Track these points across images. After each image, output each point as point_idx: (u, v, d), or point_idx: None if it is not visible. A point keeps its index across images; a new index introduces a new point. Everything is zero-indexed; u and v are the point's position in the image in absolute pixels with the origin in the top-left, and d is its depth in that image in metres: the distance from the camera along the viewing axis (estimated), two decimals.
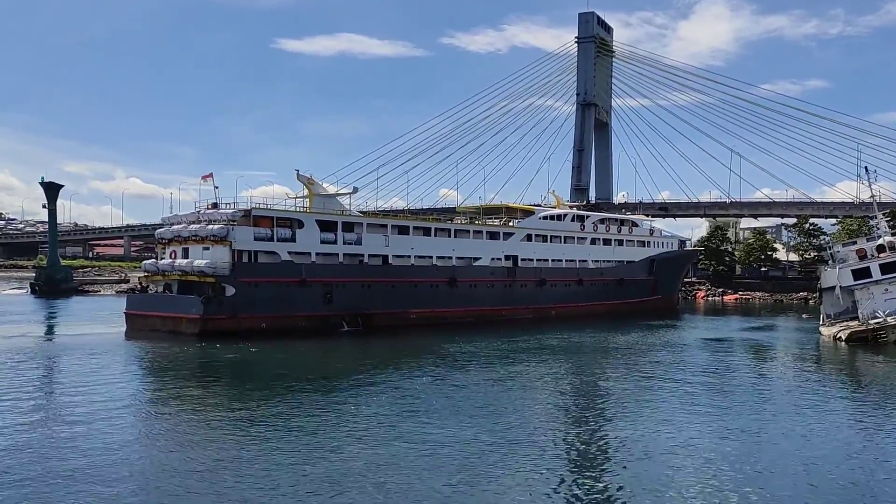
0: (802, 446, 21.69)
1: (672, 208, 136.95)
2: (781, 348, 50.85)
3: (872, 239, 56.84)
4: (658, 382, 33.60)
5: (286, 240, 53.45)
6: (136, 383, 33.11)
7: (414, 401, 27.56)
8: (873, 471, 19.41)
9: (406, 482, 17.36)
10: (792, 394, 31.68)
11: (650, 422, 24.77)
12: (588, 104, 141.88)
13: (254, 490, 16.62)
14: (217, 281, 49.95)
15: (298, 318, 52.00)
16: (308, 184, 59.62)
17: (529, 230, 72.50)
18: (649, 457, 20.25)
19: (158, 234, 56.88)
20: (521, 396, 29.36)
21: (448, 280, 63.12)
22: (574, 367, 39.12)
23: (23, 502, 15.81)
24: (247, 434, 22.04)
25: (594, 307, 74.82)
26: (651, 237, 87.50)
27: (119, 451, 20.14)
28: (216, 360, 39.52)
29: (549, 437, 22.51)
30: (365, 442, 21.02)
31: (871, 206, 63.67)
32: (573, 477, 18.47)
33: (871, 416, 26.77)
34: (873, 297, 50.98)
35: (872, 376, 38.15)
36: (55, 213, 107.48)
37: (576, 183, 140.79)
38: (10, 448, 20.33)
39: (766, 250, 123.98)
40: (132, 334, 50.13)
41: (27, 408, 26.07)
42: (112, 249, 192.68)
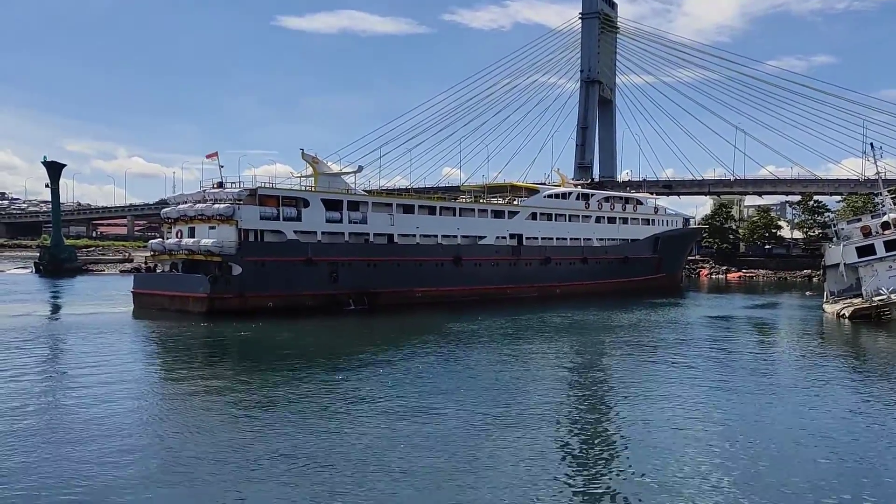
0: (805, 422, 21.73)
1: (676, 186, 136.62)
2: (784, 325, 50.95)
3: (877, 216, 56.89)
4: (661, 360, 33.69)
5: (292, 219, 53.50)
6: (146, 362, 33.36)
7: (418, 379, 27.68)
8: (877, 447, 19.50)
9: (408, 459, 17.49)
10: (795, 370, 31.77)
11: (652, 398, 24.86)
12: (592, 81, 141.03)
13: (257, 468, 16.76)
14: (224, 260, 50.09)
15: (305, 297, 52.21)
16: (313, 162, 59.53)
17: (534, 209, 72.46)
18: (651, 432, 20.34)
19: (164, 214, 56.96)
20: (525, 375, 29.44)
21: (453, 259, 63.23)
22: (578, 345, 39.22)
23: (30, 480, 15.97)
24: (251, 413, 22.15)
25: (599, 285, 74.97)
26: (655, 215, 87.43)
27: (127, 428, 20.34)
28: (224, 338, 39.71)
29: (552, 413, 22.63)
30: (369, 420, 21.11)
31: (877, 183, 63.69)
32: (576, 453, 18.61)
33: (874, 392, 26.81)
34: (877, 274, 51.01)
35: (875, 353, 38.16)
36: (58, 192, 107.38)
37: (579, 161, 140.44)
38: (18, 425, 20.53)
39: (770, 228, 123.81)
40: (139, 313, 50.39)
41: (36, 386, 26.28)
42: (115, 229, 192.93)
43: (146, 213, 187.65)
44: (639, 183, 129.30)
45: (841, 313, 49.70)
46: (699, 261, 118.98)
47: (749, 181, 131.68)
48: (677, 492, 15.60)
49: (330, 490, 15.41)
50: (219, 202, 51.66)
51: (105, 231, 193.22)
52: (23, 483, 15.79)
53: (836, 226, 63.94)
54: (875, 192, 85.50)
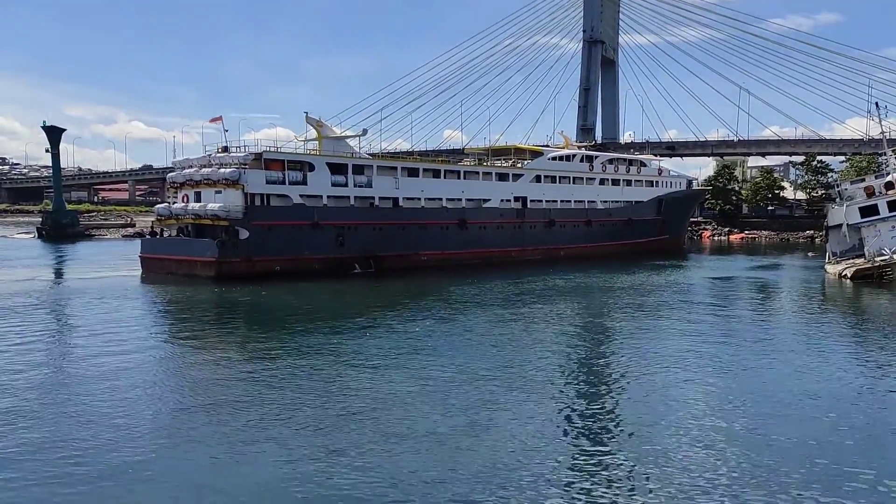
0: (806, 382, 21.86)
1: (679, 147, 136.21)
2: (786, 286, 51.09)
3: (881, 176, 56.53)
4: (663, 321, 33.87)
5: (297, 183, 53.53)
6: (157, 324, 33.71)
7: (420, 342, 27.83)
8: (877, 404, 19.72)
9: (408, 419, 17.74)
10: (796, 331, 31.91)
11: (654, 359, 24.99)
12: (595, 41, 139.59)
13: (258, 428, 16.99)
14: (231, 224, 50.25)
15: (311, 261, 52.49)
16: (317, 126, 59.33)
17: (538, 171, 72.34)
18: (652, 393, 20.45)
19: (170, 178, 56.95)
20: (527, 337, 29.58)
21: (458, 222, 63.37)
22: (581, 307, 39.41)
23: (38, 439, 16.25)
24: (256, 374, 22.37)
25: (602, 248, 75.18)
26: (659, 177, 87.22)
27: (136, 389, 20.69)
28: (232, 302, 40.00)
29: (553, 374, 22.84)
30: (372, 381, 21.35)
31: (881, 143, 62.99)
32: (576, 413, 18.73)
33: (874, 352, 26.95)
34: (880, 234, 50.93)
35: (876, 313, 38.25)
36: (58, 157, 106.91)
37: (582, 123, 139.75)
38: (28, 387, 20.90)
39: (773, 189, 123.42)
40: (148, 277, 50.72)
41: (50, 348, 26.71)
42: (117, 194, 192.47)
43: (147, 178, 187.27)
44: (641, 144, 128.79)
45: (843, 274, 49.80)
46: (701, 222, 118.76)
47: (752, 142, 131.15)
48: (678, 451, 15.70)
49: (327, 449, 15.61)
50: (224, 167, 51.62)
51: (106, 196, 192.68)
52: (33, 441, 16.06)
53: (839, 186, 64.21)
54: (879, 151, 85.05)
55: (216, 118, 54.63)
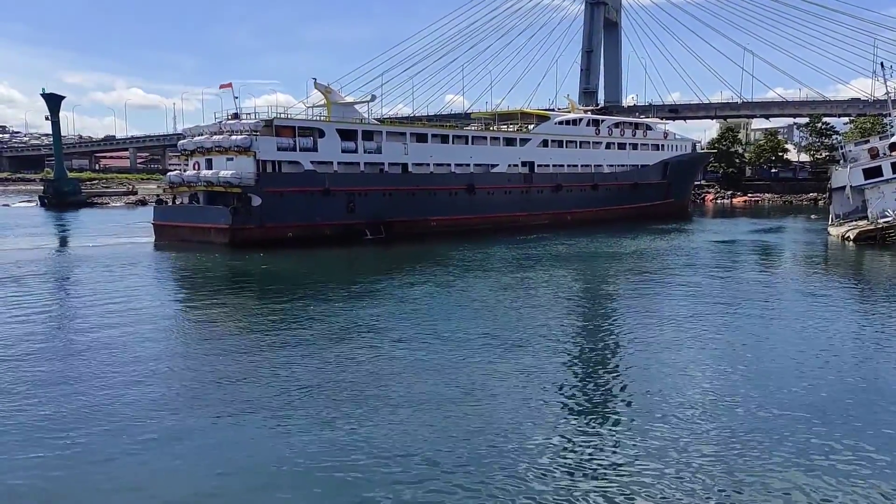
0: (809, 343, 22.14)
1: (682, 110, 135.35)
2: (789, 249, 51.33)
3: (885, 137, 56.71)
4: (667, 284, 34.12)
5: (308, 149, 53.68)
6: (174, 292, 34.28)
7: (429, 308, 28.06)
8: (878, 365, 19.98)
9: (410, 384, 17.90)
10: (798, 293, 32.15)
11: (658, 322, 25.11)
12: (597, 2, 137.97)
13: (268, 400, 16.94)
14: (243, 191, 50.55)
15: (323, 227, 52.91)
16: (325, 92, 59.27)
17: (545, 136, 72.33)
18: (655, 356, 20.70)
19: (181, 146, 57.05)
20: (534, 302, 29.67)
21: (466, 187, 63.62)
22: (587, 272, 39.66)
23: (50, 405, 16.49)
24: (269, 344, 22.35)
25: (609, 212, 75.46)
26: (665, 140, 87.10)
27: (149, 355, 20.99)
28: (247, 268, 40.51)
29: (558, 337, 23.04)
30: (380, 347, 21.49)
31: (886, 104, 63.17)
32: (577, 378, 18.80)
33: (875, 313, 27.15)
34: (884, 196, 51.06)
35: (878, 274, 38.44)
36: (58, 125, 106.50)
37: (584, 86, 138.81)
38: (42, 351, 21.38)
39: (776, 151, 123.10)
40: (161, 245, 51.16)
41: (69, 314, 27.17)
42: (118, 161, 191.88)
43: (148, 146, 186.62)
44: (644, 107, 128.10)
45: (846, 236, 49.95)
46: (704, 186, 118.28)
47: (756, 104, 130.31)
48: (680, 414, 15.84)
49: (334, 418, 15.62)
50: (235, 134, 51.75)
51: (107, 164, 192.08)
52: (43, 410, 16.26)
53: (843, 148, 63.81)
54: (884, 112, 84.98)
55: (226, 84, 54.84)
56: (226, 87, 54.91)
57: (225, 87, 54.94)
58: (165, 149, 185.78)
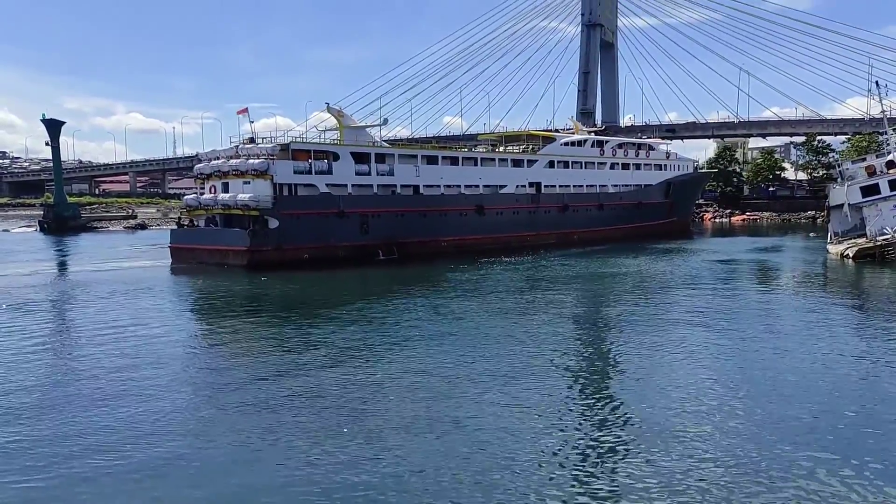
0: (810, 362, 22.18)
1: (679, 130, 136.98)
2: (789, 267, 51.35)
3: (882, 155, 56.43)
4: (671, 305, 33.84)
5: (323, 172, 54.54)
6: (192, 315, 34.66)
7: (439, 328, 28.33)
8: (880, 384, 19.98)
9: (417, 407, 17.98)
10: (799, 311, 31.97)
11: (660, 341, 25.29)
12: (593, 25, 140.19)
13: (285, 424, 17.08)
14: (261, 214, 51.27)
15: (338, 248, 53.62)
16: (338, 116, 60.30)
17: (552, 157, 73.39)
18: (657, 375, 20.84)
19: (197, 170, 57.82)
20: (541, 322, 29.52)
21: (476, 208, 64.48)
22: (594, 292, 39.77)
23: (65, 432, 16.54)
24: (286, 367, 22.33)
25: (614, 231, 76.37)
26: (667, 160, 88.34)
27: (173, 381, 21.13)
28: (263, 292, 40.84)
29: (565, 358, 23.02)
30: (394, 372, 21.34)
31: (882, 122, 63.48)
32: (579, 397, 19.13)
33: (876, 331, 27.14)
34: (882, 213, 51.04)
35: (879, 292, 38.46)
36: (58, 150, 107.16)
37: (582, 106, 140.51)
38: (61, 373, 21.86)
39: (774, 170, 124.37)
40: (178, 267, 51.76)
41: (96, 338, 27.14)
42: (118, 186, 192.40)
43: (148, 170, 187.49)
44: (641, 127, 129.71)
45: (845, 254, 49.84)
46: (702, 204, 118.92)
47: (753, 123, 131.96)
48: (682, 434, 15.83)
49: (345, 443, 15.74)
50: (252, 157, 52.60)
51: (108, 188, 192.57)
52: (61, 429, 16.55)
53: (840, 166, 63.76)
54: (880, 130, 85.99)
55: (242, 109, 55.75)
56: (242, 112, 55.93)
57: (241, 112, 55.95)
58: (165, 172, 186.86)
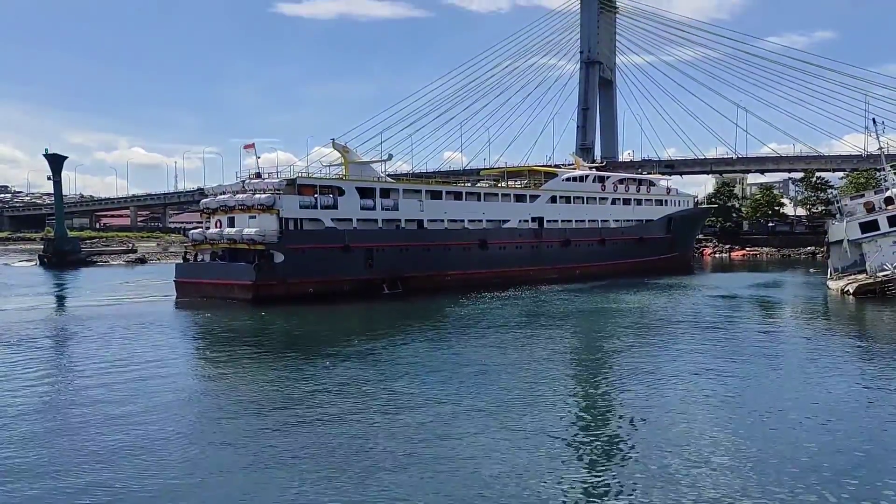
0: (812, 401, 22.10)
1: (678, 165, 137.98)
2: (790, 303, 51.26)
3: (880, 191, 56.68)
4: (672, 340, 33.92)
5: (329, 207, 54.99)
6: (196, 350, 34.78)
7: (444, 364, 28.28)
8: (883, 423, 19.82)
9: (416, 448, 17.85)
10: (801, 348, 31.81)
11: (662, 377, 25.36)
12: (592, 62, 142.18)
13: (286, 462, 17.07)
14: (266, 248, 51.52)
15: (343, 283, 53.80)
16: (343, 151, 61.03)
17: (554, 192, 73.99)
18: (658, 413, 20.79)
19: (203, 204, 58.23)
20: (541, 359, 29.43)
21: (479, 242, 64.80)
22: (594, 328, 39.47)
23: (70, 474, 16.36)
24: (286, 400, 22.55)
25: (616, 266, 76.54)
26: (668, 196, 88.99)
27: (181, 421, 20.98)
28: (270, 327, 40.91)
29: (566, 394, 23.12)
30: (390, 412, 21.23)
31: (880, 159, 63.61)
32: (581, 434, 19.06)
33: (879, 369, 27.07)
34: (881, 249, 50.96)
35: (881, 329, 38.31)
36: (60, 184, 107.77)
37: (581, 142, 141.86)
38: (67, 407, 21.84)
39: (773, 205, 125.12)
40: (184, 301, 51.83)
41: (86, 377, 26.82)
42: (118, 220, 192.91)
43: (149, 204, 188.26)
44: (641, 163, 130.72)
45: (845, 290, 49.70)
46: (702, 240, 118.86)
47: (751, 159, 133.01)
48: (683, 472, 15.78)
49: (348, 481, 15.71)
50: (259, 192, 53.04)
51: (108, 222, 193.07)
52: (58, 469, 16.44)
53: (839, 202, 63.74)
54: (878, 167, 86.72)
55: (249, 145, 56.50)
56: (249, 147, 56.67)
57: (248, 147, 56.68)
58: (166, 207, 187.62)
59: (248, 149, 56.46)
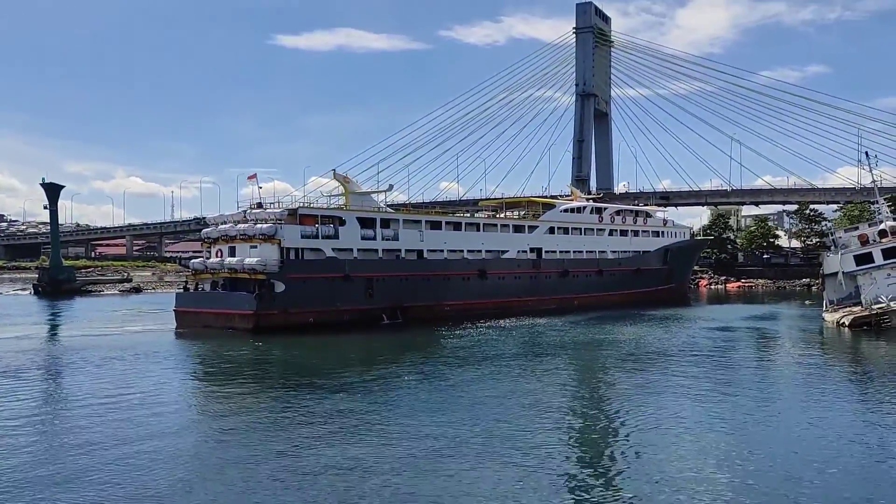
0: (809, 434, 22.16)
1: (673, 197, 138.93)
2: (786, 335, 51.20)
3: (874, 224, 56.98)
4: (668, 372, 33.90)
5: (330, 237, 55.26)
6: (196, 381, 34.67)
7: (441, 397, 28.36)
8: (881, 456, 19.86)
9: (413, 481, 18.04)
10: (797, 381, 32.07)
11: (658, 411, 25.38)
12: (587, 95, 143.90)
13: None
14: (267, 277, 51.63)
15: (343, 312, 53.88)
16: (344, 182, 61.48)
17: (552, 223, 74.56)
18: (654, 447, 20.83)
19: (204, 234, 58.42)
20: (538, 389, 29.66)
21: (478, 272, 65.06)
22: (593, 361, 39.58)
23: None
24: (285, 432, 22.69)
25: (613, 296, 76.91)
26: (664, 227, 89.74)
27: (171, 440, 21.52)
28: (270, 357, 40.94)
29: (566, 428, 23.19)
30: (397, 442, 21.48)
31: (873, 191, 64.25)
32: (576, 471, 19.03)
33: (876, 402, 27.19)
34: (876, 282, 51.28)
35: (877, 362, 38.51)
36: (56, 213, 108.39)
37: (576, 173, 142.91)
38: (70, 437, 21.94)
39: (767, 237, 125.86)
40: (184, 331, 51.75)
41: (121, 402, 27.20)
42: (114, 249, 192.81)
43: (145, 233, 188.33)
44: (636, 194, 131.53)
45: (841, 322, 49.84)
46: (697, 271, 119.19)
47: (746, 191, 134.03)
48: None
49: None
50: (261, 222, 53.31)
51: (104, 251, 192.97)
52: None
53: (833, 234, 64.30)
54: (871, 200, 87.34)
55: (252, 175, 56.90)
56: (252, 178, 57.24)
57: (251, 178, 57.25)
58: (162, 236, 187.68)
59: (250, 180, 57.05)
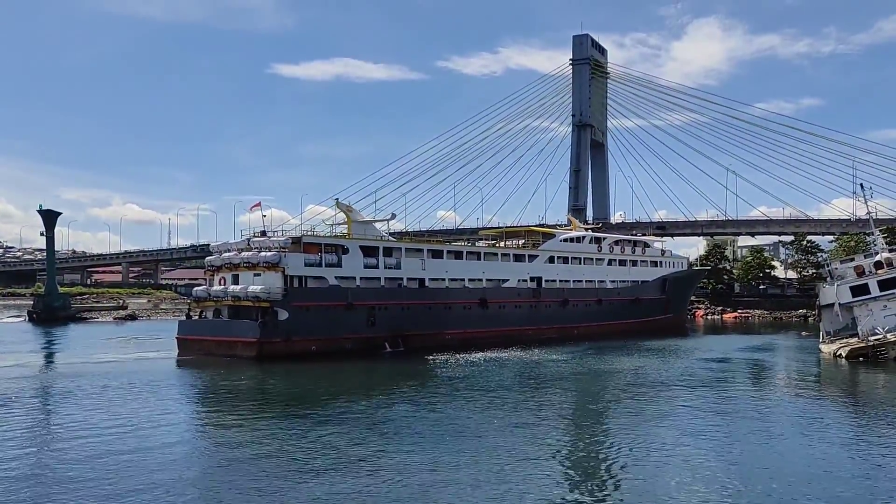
0: (805, 466, 22.26)
1: (669, 227, 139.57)
2: (784, 367, 51.23)
3: (870, 255, 57.18)
4: (664, 404, 34.05)
5: (333, 265, 55.52)
6: (203, 407, 34.89)
7: (441, 426, 28.29)
8: (875, 491, 19.79)
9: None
10: (794, 413, 32.09)
11: (653, 443, 25.36)
12: (584, 125, 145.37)
13: None
14: (271, 305, 51.77)
15: (345, 340, 54.04)
16: (347, 211, 61.95)
17: (552, 252, 75.00)
18: (649, 479, 20.82)
19: (208, 262, 58.65)
20: (534, 423, 29.46)
21: (479, 301, 65.35)
22: (591, 392, 39.39)
23: None
24: (289, 463, 22.64)
25: (613, 326, 77.22)
26: (662, 257, 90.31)
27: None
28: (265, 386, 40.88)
29: (555, 461, 23.26)
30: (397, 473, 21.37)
31: (868, 223, 64.53)
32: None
33: (873, 434, 27.26)
34: (872, 313, 51.42)
35: (874, 393, 38.60)
36: (53, 240, 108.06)
37: (573, 203, 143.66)
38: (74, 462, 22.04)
39: (764, 268, 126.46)
40: (186, 359, 51.64)
41: (125, 429, 27.44)
42: (110, 276, 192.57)
43: (141, 260, 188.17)
44: (633, 224, 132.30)
45: (837, 353, 49.89)
46: (694, 301, 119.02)
47: (742, 222, 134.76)
48: None
49: None
50: (265, 250, 53.56)
51: (100, 278, 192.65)
52: None
53: (829, 265, 64.62)
54: (867, 231, 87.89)
55: (256, 204, 57.32)
56: (255, 207, 57.70)
57: (255, 207, 57.69)
58: (158, 263, 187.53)
59: (254, 208, 57.37)
